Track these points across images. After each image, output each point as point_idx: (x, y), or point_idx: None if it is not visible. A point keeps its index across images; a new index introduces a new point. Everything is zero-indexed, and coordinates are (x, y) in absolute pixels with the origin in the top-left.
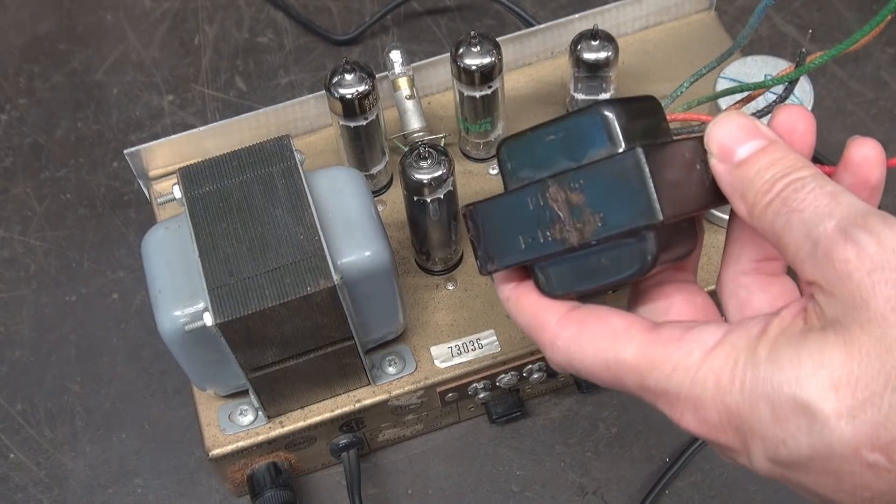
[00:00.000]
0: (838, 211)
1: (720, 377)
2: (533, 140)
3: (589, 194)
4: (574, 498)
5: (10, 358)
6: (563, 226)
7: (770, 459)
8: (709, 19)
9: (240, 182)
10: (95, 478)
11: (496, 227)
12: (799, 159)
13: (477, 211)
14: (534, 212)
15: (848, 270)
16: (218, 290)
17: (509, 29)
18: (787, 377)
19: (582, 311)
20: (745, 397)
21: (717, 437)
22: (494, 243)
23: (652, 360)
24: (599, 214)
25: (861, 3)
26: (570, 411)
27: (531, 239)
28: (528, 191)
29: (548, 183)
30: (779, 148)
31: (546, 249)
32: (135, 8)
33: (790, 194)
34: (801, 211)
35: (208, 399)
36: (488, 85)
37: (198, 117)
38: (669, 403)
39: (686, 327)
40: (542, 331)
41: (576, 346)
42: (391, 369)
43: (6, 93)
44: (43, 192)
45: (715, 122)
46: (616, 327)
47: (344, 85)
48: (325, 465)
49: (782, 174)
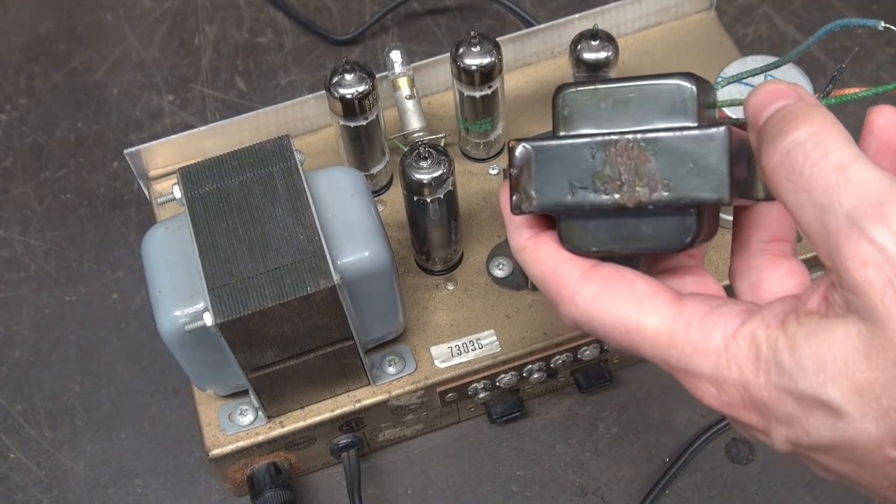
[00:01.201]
0: (848, 194)
1: (743, 368)
2: (601, 94)
3: (659, 159)
4: (574, 498)
5: (10, 358)
6: (621, 184)
7: (791, 443)
8: (709, 19)
9: (240, 182)
10: (95, 478)
11: (545, 169)
12: (809, 114)
13: (528, 148)
14: (592, 163)
15: (867, 277)
16: (218, 290)
17: (509, 29)
18: (810, 380)
19: (605, 269)
20: (769, 390)
21: (739, 415)
22: (538, 184)
23: (674, 337)
24: (665, 181)
25: (861, 3)
26: (570, 411)
27: (582, 189)
28: (589, 143)
29: (615, 139)
30: (798, 105)
31: (594, 203)
32: (135, 8)
33: (793, 165)
34: (808, 192)
35: (208, 399)
36: (488, 85)
37: (198, 117)
38: (690, 381)
39: (710, 305)
40: (559, 286)
41: (597, 307)
42: (391, 369)
43: (6, 93)
44: (43, 192)
45: (751, 92)
46: (641, 293)
47: (344, 85)
48: (325, 465)
49: (781, 132)
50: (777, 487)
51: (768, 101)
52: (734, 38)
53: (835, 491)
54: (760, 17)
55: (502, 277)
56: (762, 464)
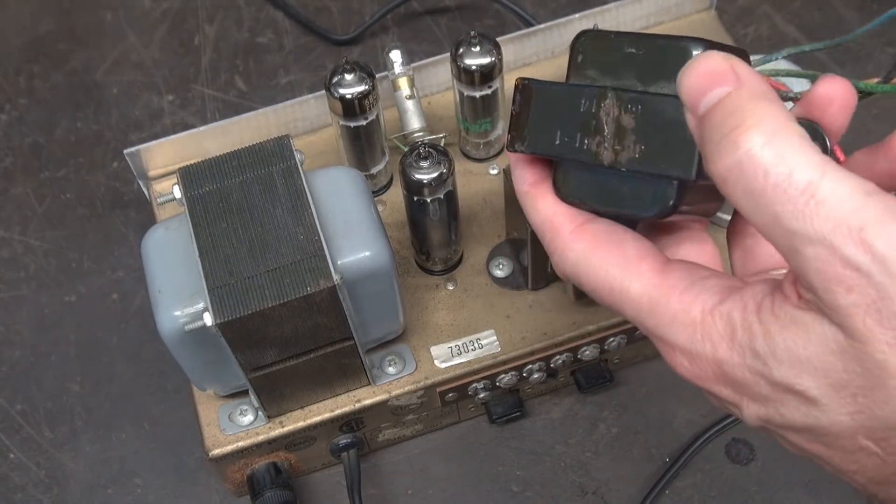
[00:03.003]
0: (822, 216)
1: (717, 346)
2: (614, 44)
3: (641, 123)
4: (574, 498)
5: (10, 358)
6: (602, 140)
7: (763, 420)
8: (709, 19)
9: (240, 182)
10: (95, 478)
11: (541, 112)
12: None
13: (530, 88)
14: (583, 114)
15: (850, 301)
16: (218, 290)
17: (509, 29)
18: (785, 371)
19: (598, 226)
20: (743, 371)
21: (711, 388)
22: (532, 126)
23: (654, 303)
24: (641, 146)
25: (861, 3)
26: (570, 411)
27: (567, 138)
28: (585, 91)
29: (607, 93)
30: (741, 95)
31: (577, 155)
32: (135, 8)
33: (750, 184)
34: (774, 215)
35: (208, 399)
36: (488, 85)
37: (198, 117)
38: (665, 349)
39: (694, 277)
40: (553, 235)
41: (584, 263)
42: (391, 369)
43: (6, 93)
44: (43, 192)
45: (684, 68)
46: (629, 255)
47: (344, 85)
48: (325, 465)
49: (728, 140)
50: (777, 487)
51: (705, 85)
52: (734, 37)
53: (835, 491)
54: (760, 17)
55: (502, 277)
56: (762, 464)
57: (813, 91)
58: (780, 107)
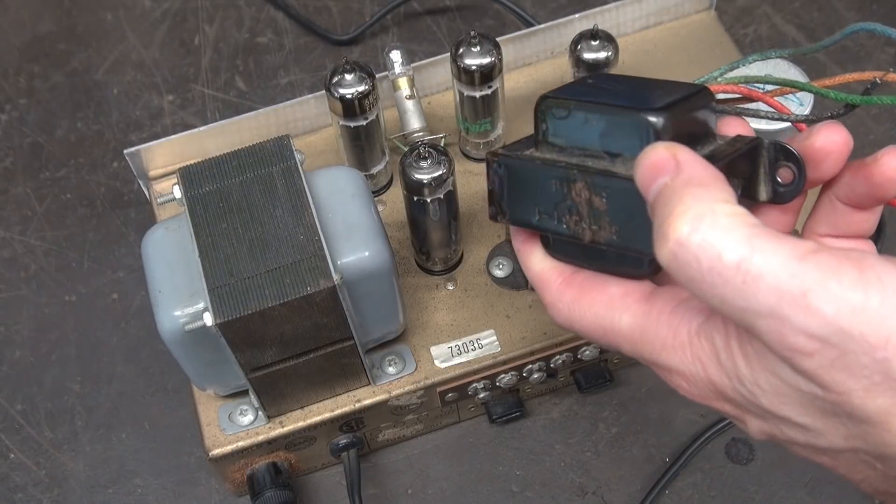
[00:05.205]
0: (762, 291)
1: (707, 367)
2: (575, 113)
3: (612, 205)
4: (574, 498)
5: (10, 358)
6: (579, 220)
7: (767, 435)
8: (709, 19)
9: (240, 182)
10: (95, 478)
11: (516, 189)
12: (683, 200)
13: (502, 164)
14: (555, 194)
15: (815, 363)
16: (218, 290)
17: (509, 29)
18: (770, 400)
19: (583, 275)
20: (735, 392)
21: (713, 405)
22: (510, 201)
23: (645, 332)
24: (615, 227)
25: (861, 3)
26: (570, 411)
27: (546, 215)
28: (553, 172)
29: (576, 176)
30: (675, 183)
31: (557, 230)
32: (135, 8)
33: (688, 272)
34: (718, 297)
35: (208, 399)
36: (488, 85)
37: (198, 117)
38: (664, 374)
39: (677, 300)
40: (545, 290)
41: (576, 310)
42: (391, 369)
43: (6, 93)
44: (43, 192)
45: (636, 160)
46: (613, 296)
47: (344, 85)
48: (325, 465)
49: (662, 233)
50: (777, 487)
51: (650, 177)
52: (734, 38)
53: (835, 491)
54: (760, 17)
55: (502, 277)
56: (762, 464)
57: (811, 143)
58: (711, 187)
